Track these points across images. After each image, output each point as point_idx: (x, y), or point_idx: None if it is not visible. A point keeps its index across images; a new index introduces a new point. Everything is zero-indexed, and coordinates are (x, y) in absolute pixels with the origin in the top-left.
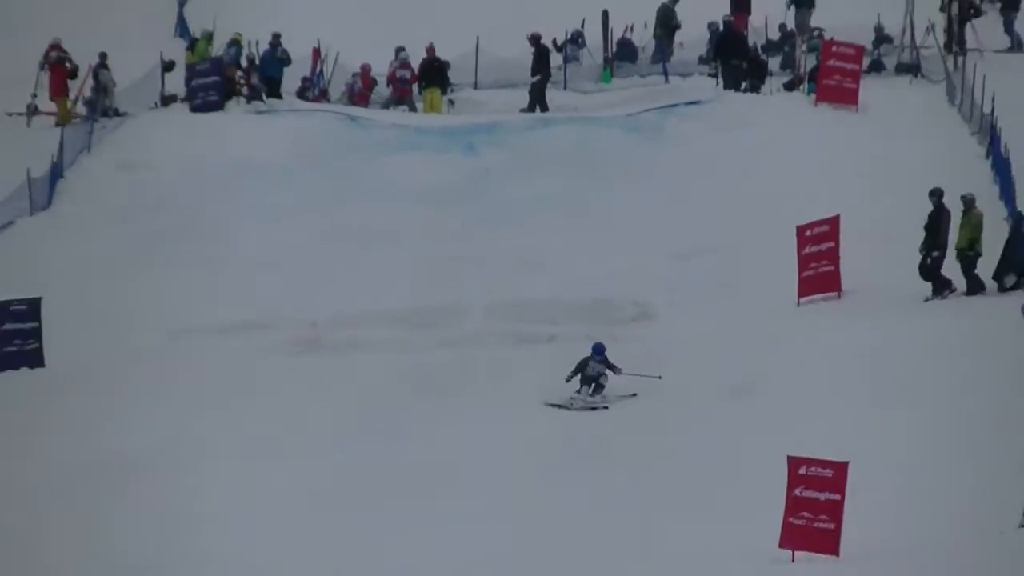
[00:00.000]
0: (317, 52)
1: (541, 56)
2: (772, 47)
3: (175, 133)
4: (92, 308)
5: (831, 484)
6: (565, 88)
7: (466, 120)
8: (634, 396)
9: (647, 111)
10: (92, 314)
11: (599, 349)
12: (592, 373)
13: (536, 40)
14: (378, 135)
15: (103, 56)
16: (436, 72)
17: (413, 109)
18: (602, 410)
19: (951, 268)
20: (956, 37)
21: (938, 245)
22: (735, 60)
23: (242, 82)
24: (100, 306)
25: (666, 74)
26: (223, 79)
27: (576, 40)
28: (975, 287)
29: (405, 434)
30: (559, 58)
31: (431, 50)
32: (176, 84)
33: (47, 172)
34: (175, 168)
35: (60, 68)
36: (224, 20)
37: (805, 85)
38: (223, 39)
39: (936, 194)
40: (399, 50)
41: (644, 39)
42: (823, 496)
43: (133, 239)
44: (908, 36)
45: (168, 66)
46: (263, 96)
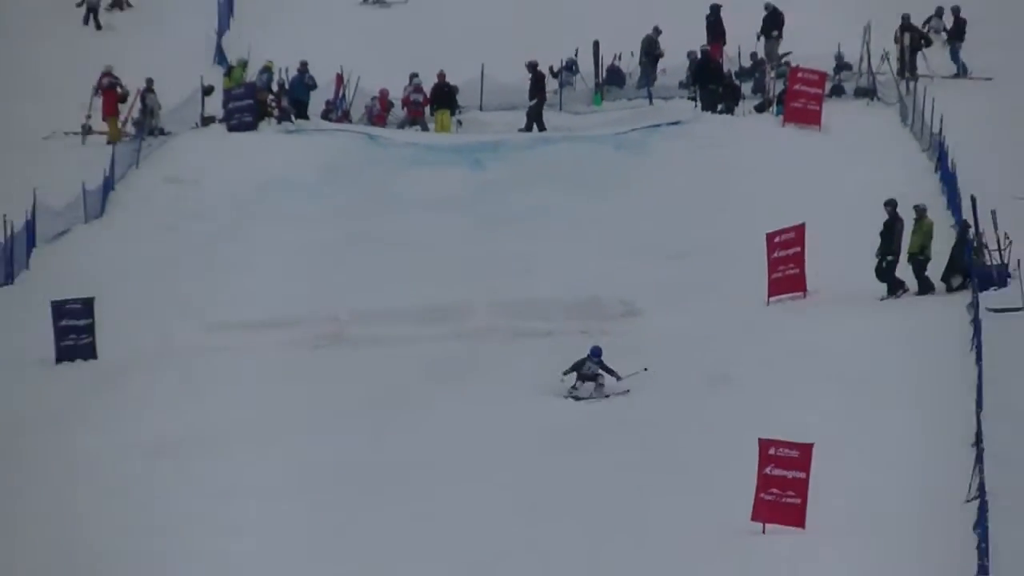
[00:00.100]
0: (340, 78)
1: (537, 81)
2: (744, 73)
3: (214, 150)
4: (139, 306)
5: (798, 463)
6: (561, 110)
7: (473, 138)
8: (627, 392)
9: (634, 130)
10: (139, 311)
11: (596, 352)
12: (588, 372)
13: (533, 67)
14: (394, 152)
15: (149, 82)
16: (446, 96)
17: (425, 128)
18: (600, 399)
19: (904, 271)
20: (908, 65)
21: (892, 250)
22: (712, 85)
23: (273, 105)
24: (147, 304)
25: (650, 97)
26: (256, 102)
27: (570, 67)
28: (925, 287)
29: (417, 416)
30: (555, 83)
31: (441, 76)
32: (215, 107)
33: (100, 185)
34: (214, 181)
35: (112, 92)
36: (257, 49)
37: (774, 107)
38: (256, 66)
39: (891, 204)
40: (413, 76)
41: (631, 66)
42: (790, 474)
43: (177, 244)
44: (865, 64)
45: (207, 90)
46: (292, 117)
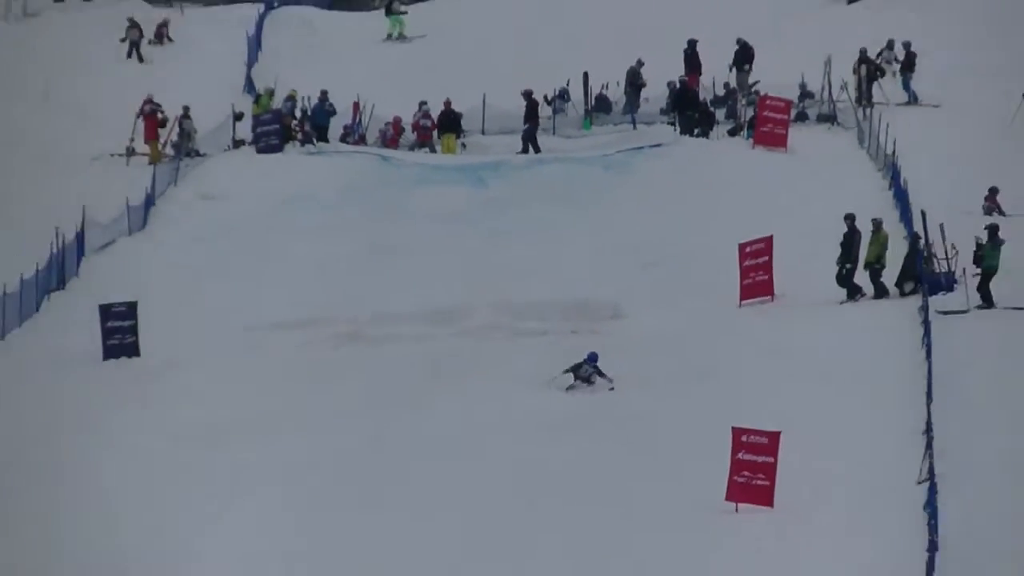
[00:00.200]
0: (357, 105)
1: (531, 108)
2: (718, 101)
3: (244, 170)
4: (178, 309)
5: (767, 449)
6: (554, 134)
7: (476, 159)
8: (612, 390)
9: (619, 152)
10: (178, 314)
11: (593, 358)
12: (584, 375)
13: (528, 95)
14: (405, 171)
15: (186, 109)
16: (452, 121)
17: (433, 150)
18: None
19: (862, 277)
20: (865, 93)
21: (851, 259)
22: (689, 111)
23: (297, 129)
24: (184, 307)
25: (634, 123)
26: (282, 127)
27: (563, 96)
28: (881, 292)
29: (426, 406)
30: (549, 110)
31: (448, 104)
32: (244, 131)
33: (142, 201)
34: (244, 197)
35: (152, 118)
36: (282, 80)
37: (744, 131)
38: (281, 95)
39: (849, 218)
40: (422, 103)
41: (616, 95)
42: (760, 459)
43: (211, 254)
44: (826, 92)
45: (238, 116)
46: (314, 140)
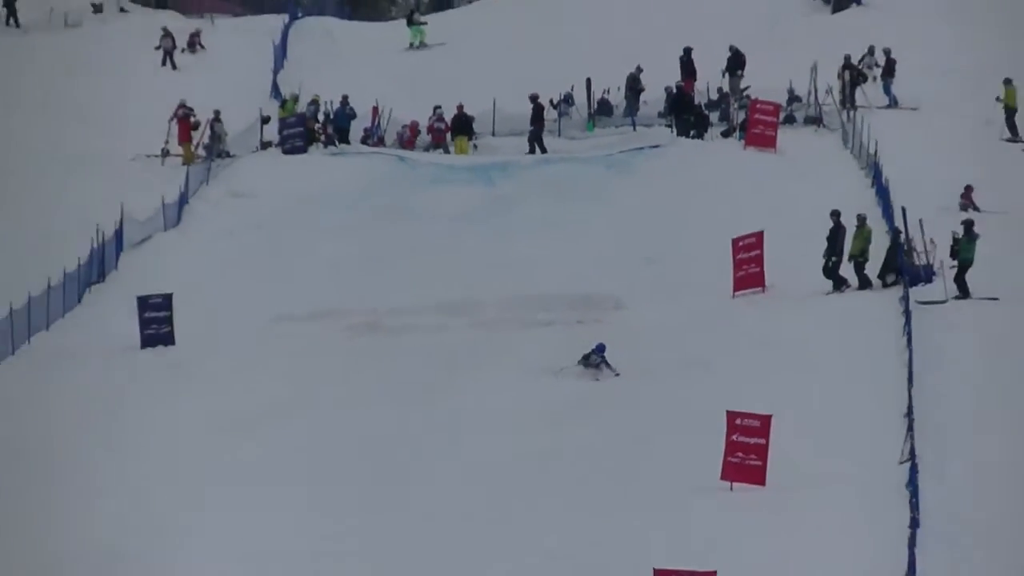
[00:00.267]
0: (376, 109)
1: (537, 111)
2: (712, 105)
3: (271, 170)
4: (210, 300)
5: (759, 432)
6: (559, 136)
7: (486, 160)
8: (618, 375)
9: (620, 152)
10: (210, 305)
11: (601, 348)
12: (592, 363)
13: (534, 99)
14: (421, 171)
15: (217, 113)
16: (464, 124)
17: (447, 151)
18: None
19: (846, 270)
20: (849, 97)
21: (836, 252)
22: (685, 115)
23: (320, 132)
24: (216, 299)
25: (634, 125)
26: (306, 130)
27: (567, 100)
28: (864, 284)
29: (441, 392)
30: (555, 113)
31: (460, 108)
32: (271, 133)
33: (176, 199)
34: (271, 196)
35: (186, 122)
36: (307, 86)
37: (737, 133)
38: (306, 100)
39: (835, 214)
40: (436, 108)
41: (617, 99)
42: (753, 441)
43: (241, 248)
44: (813, 96)
45: (265, 120)
46: (336, 142)
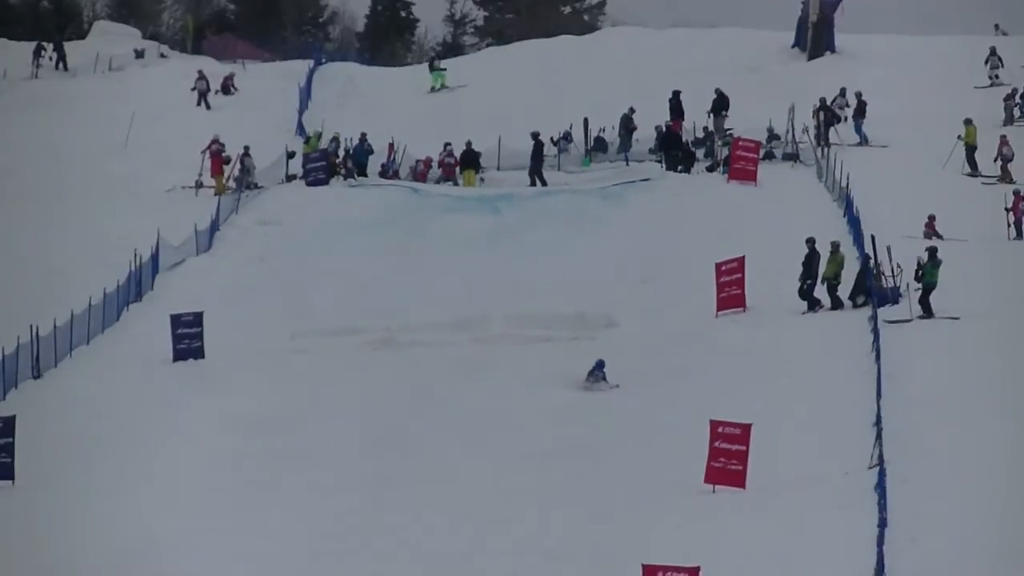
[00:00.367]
0: (392, 146)
1: (537, 147)
2: (698, 142)
3: (296, 200)
4: (238, 318)
5: (739, 439)
6: (559, 169)
7: (492, 191)
8: (617, 387)
9: (614, 185)
10: (238, 323)
11: (601, 364)
12: (596, 379)
13: (535, 136)
14: (433, 201)
15: (247, 148)
16: (472, 159)
17: (456, 183)
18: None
19: (820, 292)
20: (823, 136)
21: (811, 276)
22: (673, 151)
23: (341, 166)
24: (243, 317)
25: (627, 160)
26: (328, 164)
27: (566, 137)
28: (836, 305)
29: (448, 401)
30: (555, 150)
31: (468, 144)
32: (296, 167)
33: (208, 226)
34: (296, 223)
35: (218, 156)
36: (329, 124)
37: (721, 168)
38: (328, 137)
39: (810, 241)
40: (446, 144)
41: (612, 137)
42: (734, 447)
43: (267, 271)
44: (790, 135)
45: (291, 155)
46: (355, 175)
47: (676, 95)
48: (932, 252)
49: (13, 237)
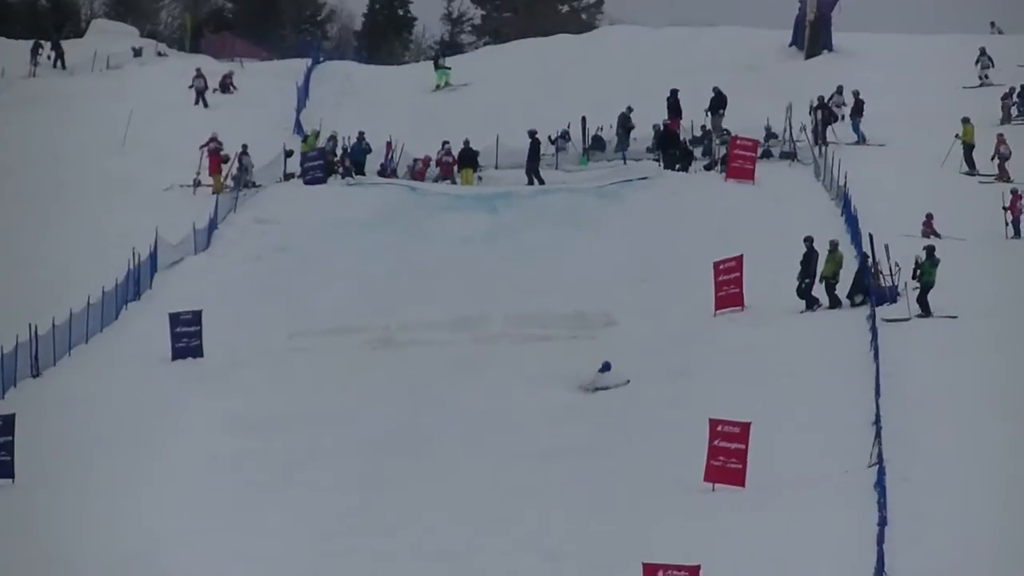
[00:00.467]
0: (389, 144)
1: (534, 146)
2: (696, 141)
3: (293, 198)
4: (236, 317)
5: (739, 437)
6: (557, 168)
7: (490, 190)
8: (628, 382)
9: (612, 184)
10: (236, 321)
11: (607, 366)
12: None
13: (532, 134)
14: (431, 200)
15: (245, 147)
16: (470, 157)
17: (454, 182)
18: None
19: (818, 290)
20: (820, 135)
21: (809, 275)
22: (671, 150)
23: (338, 164)
24: (242, 316)
25: (624, 159)
26: (325, 162)
27: (564, 136)
28: (835, 303)
29: (447, 400)
30: (553, 148)
31: (466, 143)
32: (294, 165)
33: (206, 225)
34: (294, 222)
35: (216, 155)
36: (326, 123)
37: (718, 167)
38: (325, 135)
39: (808, 240)
40: (444, 143)
41: (609, 136)
42: (733, 446)
43: (265, 270)
44: (788, 134)
45: (288, 154)
46: (353, 174)
47: (674, 94)
48: (930, 251)
49: (12, 236)
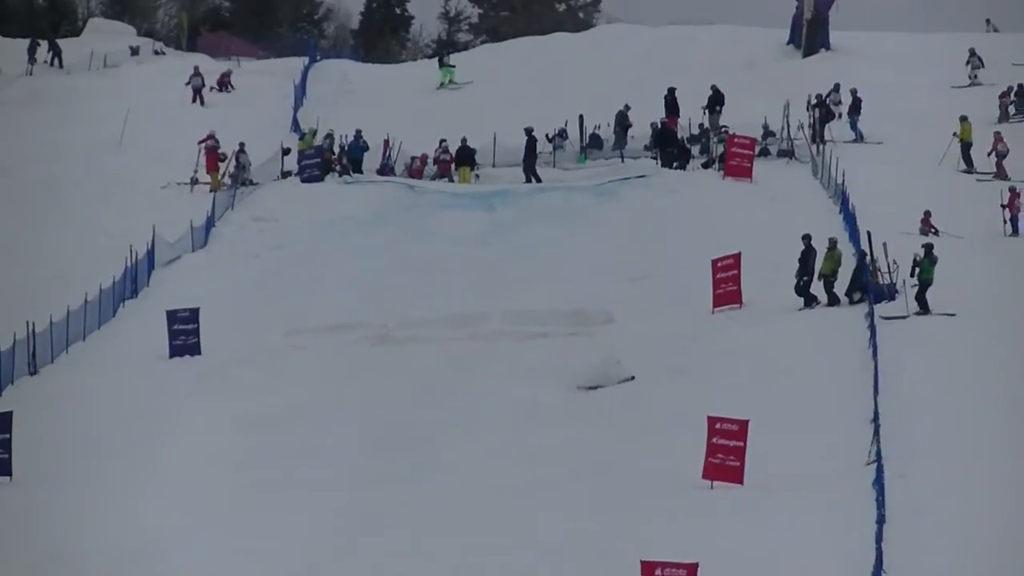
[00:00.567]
0: (387, 142)
1: (530, 144)
2: (694, 139)
3: (290, 196)
4: (234, 315)
5: (737, 435)
6: (554, 166)
7: (487, 188)
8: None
9: (609, 182)
10: (234, 319)
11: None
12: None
13: (528, 132)
14: (428, 198)
15: (242, 144)
16: (467, 155)
17: (451, 180)
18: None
19: (816, 288)
20: (818, 133)
21: (807, 272)
22: (669, 148)
23: (336, 162)
24: (239, 313)
25: (622, 157)
26: (323, 160)
27: (561, 134)
28: (833, 301)
29: (445, 397)
30: (550, 146)
31: (464, 141)
32: (291, 163)
33: (204, 223)
34: (291, 220)
35: (213, 152)
36: (324, 121)
37: (716, 165)
38: (323, 133)
39: (806, 238)
40: (442, 141)
41: (607, 134)
42: (731, 443)
43: (262, 268)
44: (785, 132)
45: (286, 152)
46: (350, 172)
47: (671, 92)
48: (928, 248)
49: (9, 234)
